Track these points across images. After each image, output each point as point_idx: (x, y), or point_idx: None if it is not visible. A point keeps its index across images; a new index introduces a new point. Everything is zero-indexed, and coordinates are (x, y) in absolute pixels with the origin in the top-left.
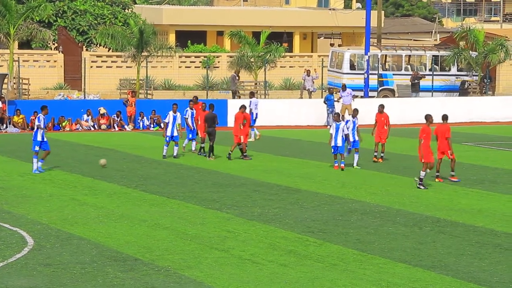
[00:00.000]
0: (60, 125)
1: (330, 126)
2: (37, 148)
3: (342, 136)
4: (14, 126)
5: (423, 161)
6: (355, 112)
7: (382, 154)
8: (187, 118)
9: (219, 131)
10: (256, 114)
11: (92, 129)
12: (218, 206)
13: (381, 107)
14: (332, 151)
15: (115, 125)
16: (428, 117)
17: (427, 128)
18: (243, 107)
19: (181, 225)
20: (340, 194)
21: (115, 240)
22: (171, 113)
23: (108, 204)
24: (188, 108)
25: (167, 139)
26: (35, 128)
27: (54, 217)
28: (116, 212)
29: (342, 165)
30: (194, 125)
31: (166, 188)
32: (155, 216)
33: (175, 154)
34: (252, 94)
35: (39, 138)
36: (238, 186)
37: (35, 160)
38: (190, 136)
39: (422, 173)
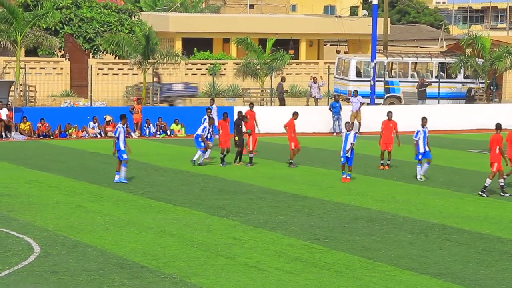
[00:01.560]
0: (67, 133)
1: (339, 133)
2: (125, 155)
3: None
4: (21, 133)
5: (495, 169)
6: (424, 121)
7: (388, 162)
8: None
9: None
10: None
11: (99, 136)
12: (224, 213)
13: (390, 114)
14: (342, 160)
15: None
16: (499, 126)
17: (498, 136)
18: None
19: (187, 232)
20: (346, 201)
21: (121, 247)
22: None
23: (114, 211)
24: (206, 117)
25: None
26: (116, 139)
27: (61, 224)
28: (122, 219)
29: (348, 177)
30: (212, 135)
31: (172, 195)
32: (161, 223)
33: (200, 161)
34: (213, 101)
35: (122, 147)
36: (244, 193)
37: (124, 168)
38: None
39: (501, 181)
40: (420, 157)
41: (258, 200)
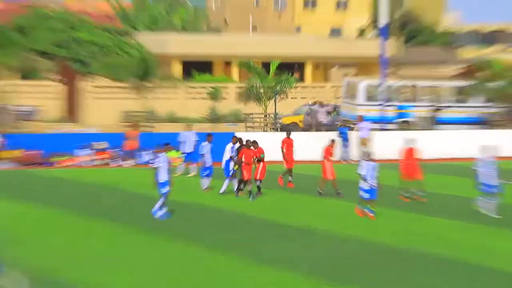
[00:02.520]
0: (54, 160)
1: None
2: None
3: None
4: (11, 161)
5: None
6: (490, 151)
7: (422, 193)
8: (204, 154)
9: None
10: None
11: (91, 164)
12: (224, 248)
13: (411, 142)
14: (368, 195)
15: (118, 160)
16: None
17: None
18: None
19: (184, 272)
20: (358, 234)
21: None
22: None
23: (104, 248)
24: (207, 143)
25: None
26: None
27: (48, 261)
28: (112, 256)
29: (372, 214)
30: (211, 162)
31: (168, 229)
32: (155, 261)
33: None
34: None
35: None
36: (247, 226)
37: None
38: (207, 173)
39: None
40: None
41: (262, 233)
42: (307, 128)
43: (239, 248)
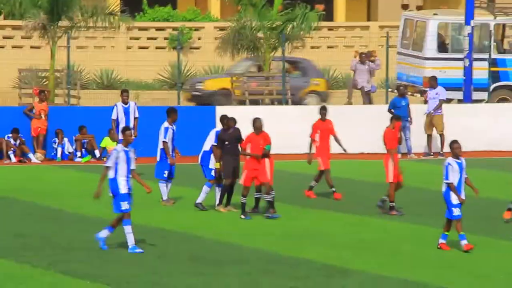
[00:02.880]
0: None
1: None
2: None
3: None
4: None
5: None
6: None
7: None
8: (166, 142)
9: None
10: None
11: None
12: None
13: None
14: (455, 213)
15: (9, 153)
16: None
17: None
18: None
19: None
20: (422, 278)
21: None
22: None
23: None
24: (168, 125)
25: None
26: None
27: None
28: None
29: (465, 243)
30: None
31: (105, 268)
32: None
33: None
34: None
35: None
36: (236, 264)
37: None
38: (166, 174)
39: None
40: None
41: (261, 276)
42: (349, 99)
43: None
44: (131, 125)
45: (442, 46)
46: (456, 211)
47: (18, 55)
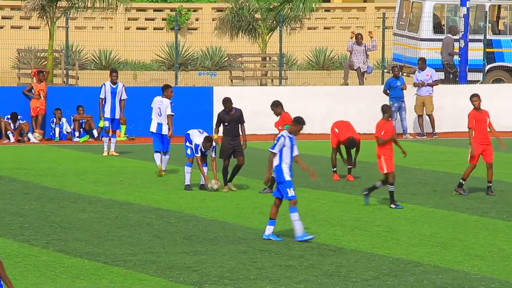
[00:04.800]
0: None
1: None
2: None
3: None
4: None
5: None
6: None
7: (489, 184)
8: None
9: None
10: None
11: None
12: (195, 279)
13: (478, 98)
14: None
15: (8, 133)
16: None
17: None
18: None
19: None
20: (416, 257)
21: None
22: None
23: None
24: (163, 98)
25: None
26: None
27: None
28: None
29: None
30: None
31: (102, 247)
32: None
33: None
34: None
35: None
36: (232, 243)
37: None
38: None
39: None
40: None
41: (257, 255)
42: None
43: (218, 276)
44: (116, 105)
45: (437, 27)
46: None
47: (16, 36)
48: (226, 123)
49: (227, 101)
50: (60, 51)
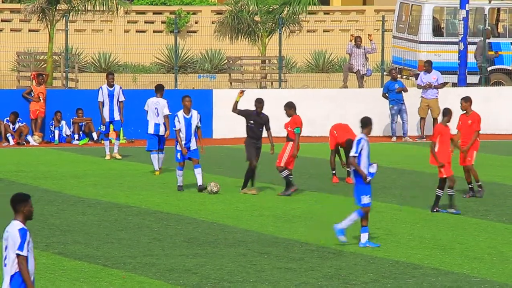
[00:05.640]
0: None
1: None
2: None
3: None
4: None
5: None
6: None
7: (470, 186)
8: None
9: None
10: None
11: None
12: (195, 281)
13: (466, 101)
14: None
15: (8, 136)
16: None
17: None
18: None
19: None
20: (415, 259)
21: None
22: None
23: None
24: (159, 98)
25: (179, 156)
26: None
27: None
28: None
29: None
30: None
31: (101, 249)
32: None
33: (199, 182)
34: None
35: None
36: (231, 246)
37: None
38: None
39: None
40: None
41: (257, 257)
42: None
43: (217, 278)
44: (115, 107)
45: (437, 30)
46: None
47: (16, 38)
48: (251, 121)
49: (260, 102)
50: (60, 54)
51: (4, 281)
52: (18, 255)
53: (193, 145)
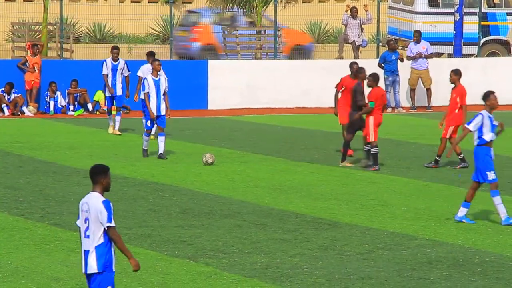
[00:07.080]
0: None
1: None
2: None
3: None
4: None
5: None
6: None
7: (437, 158)
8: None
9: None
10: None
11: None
12: (190, 252)
13: (455, 74)
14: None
15: (3, 106)
16: None
17: None
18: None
19: None
20: (410, 230)
21: None
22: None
23: None
24: (146, 65)
25: (148, 124)
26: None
27: None
28: (7, 264)
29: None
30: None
31: None
32: (76, 272)
33: (161, 150)
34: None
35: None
36: (227, 217)
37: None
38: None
39: None
40: None
41: (252, 228)
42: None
43: (213, 249)
44: (117, 82)
45: (433, 1)
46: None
47: (11, 9)
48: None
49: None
50: (55, 24)
51: (89, 252)
52: (109, 227)
53: (162, 110)
